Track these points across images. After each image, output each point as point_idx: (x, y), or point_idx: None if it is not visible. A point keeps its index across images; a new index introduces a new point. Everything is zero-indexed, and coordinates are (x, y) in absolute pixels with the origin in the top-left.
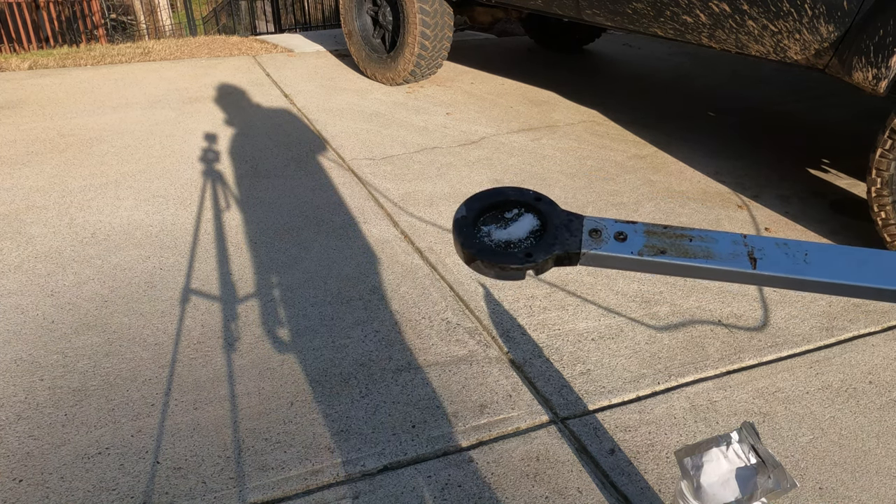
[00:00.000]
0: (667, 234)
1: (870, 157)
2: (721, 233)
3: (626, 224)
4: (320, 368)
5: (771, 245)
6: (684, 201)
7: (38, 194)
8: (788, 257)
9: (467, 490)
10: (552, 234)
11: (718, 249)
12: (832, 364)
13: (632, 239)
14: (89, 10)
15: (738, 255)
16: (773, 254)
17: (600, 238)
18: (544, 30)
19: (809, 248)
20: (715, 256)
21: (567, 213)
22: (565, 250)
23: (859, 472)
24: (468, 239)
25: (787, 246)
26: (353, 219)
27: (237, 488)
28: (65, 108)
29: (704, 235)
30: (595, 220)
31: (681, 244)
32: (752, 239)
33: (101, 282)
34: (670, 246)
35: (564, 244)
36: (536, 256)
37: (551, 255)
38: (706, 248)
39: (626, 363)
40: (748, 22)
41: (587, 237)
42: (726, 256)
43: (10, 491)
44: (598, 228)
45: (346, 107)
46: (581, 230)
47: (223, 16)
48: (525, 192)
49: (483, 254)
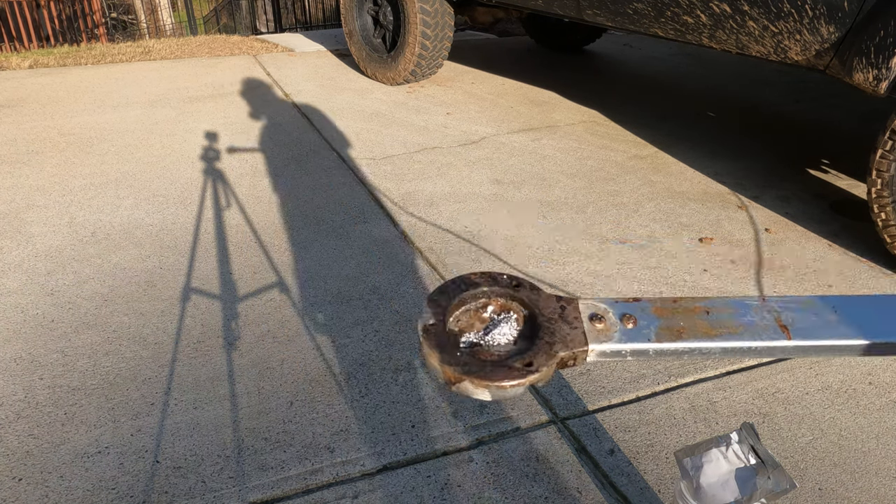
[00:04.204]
0: (679, 310)
1: (870, 157)
2: (738, 300)
3: (630, 303)
4: (320, 368)
5: (796, 305)
6: (685, 202)
7: (39, 193)
8: (819, 318)
9: (467, 490)
10: (548, 330)
11: (743, 321)
12: (832, 365)
13: (642, 322)
14: (90, 9)
15: (768, 327)
16: (803, 317)
17: (606, 326)
18: (545, 30)
19: (835, 302)
20: (742, 331)
21: (556, 299)
22: (570, 349)
23: (859, 472)
24: (448, 354)
25: (813, 304)
26: (353, 219)
27: (237, 487)
28: (65, 107)
29: (722, 306)
30: (593, 304)
31: (698, 321)
32: (774, 301)
33: (101, 281)
34: (688, 326)
35: (566, 341)
36: (538, 364)
37: (555, 358)
38: (729, 322)
39: (626, 363)
40: (749, 23)
41: (589, 326)
42: (755, 330)
43: (9, 490)
44: (598, 313)
45: (347, 106)
46: (580, 319)
47: (224, 15)
48: (498, 278)
49: (473, 371)
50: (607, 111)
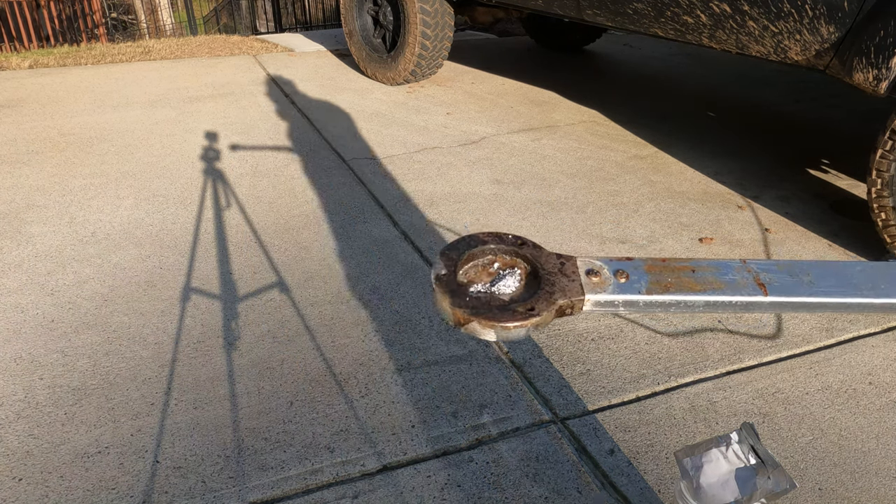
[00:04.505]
0: (668, 268)
1: (870, 157)
2: (721, 261)
3: (623, 261)
4: (320, 368)
5: (772, 268)
6: (685, 202)
7: (39, 193)
8: (794, 279)
9: (467, 490)
10: (549, 282)
11: (725, 279)
12: (832, 365)
13: (634, 277)
14: (90, 9)
15: (747, 284)
16: (780, 278)
17: (601, 279)
18: (545, 30)
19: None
20: (724, 287)
21: (557, 256)
22: (568, 298)
23: (859, 473)
24: (458, 297)
25: (790, 267)
26: (353, 219)
27: (237, 487)
28: (65, 107)
29: (706, 265)
30: (589, 261)
31: (684, 278)
32: (753, 263)
33: (101, 281)
34: (675, 282)
35: (565, 291)
36: (539, 309)
37: (554, 305)
38: (712, 279)
39: (626, 363)
40: (749, 22)
41: (586, 280)
42: (735, 286)
43: (9, 490)
44: (594, 269)
45: (347, 106)
46: (577, 273)
47: (224, 15)
48: (504, 237)
49: (480, 312)
50: (607, 111)
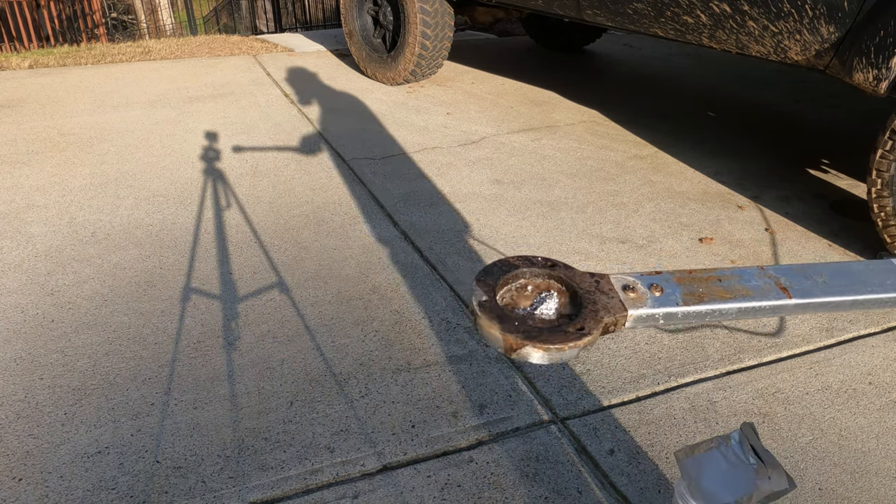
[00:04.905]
0: (696, 279)
1: (870, 157)
2: (742, 269)
3: (653, 276)
4: (320, 368)
5: (789, 272)
6: (685, 202)
7: (39, 193)
8: (810, 281)
9: (467, 490)
10: (590, 300)
11: (751, 286)
12: (832, 365)
13: (668, 290)
14: (90, 9)
15: (771, 289)
16: (798, 281)
17: (638, 294)
18: (545, 30)
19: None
20: (752, 294)
21: (590, 275)
22: (612, 315)
23: (859, 473)
24: (507, 323)
25: (803, 270)
26: (353, 219)
27: (237, 488)
28: (65, 107)
29: (730, 274)
30: (622, 277)
31: (714, 287)
32: (770, 269)
33: (100, 281)
34: (707, 291)
35: (608, 308)
36: (589, 328)
37: (601, 322)
38: (739, 287)
39: (626, 363)
40: (749, 22)
41: (624, 296)
42: (762, 292)
43: (9, 490)
44: (629, 285)
45: (347, 106)
46: (614, 290)
47: (224, 15)
48: (533, 260)
49: (533, 336)
50: (607, 111)
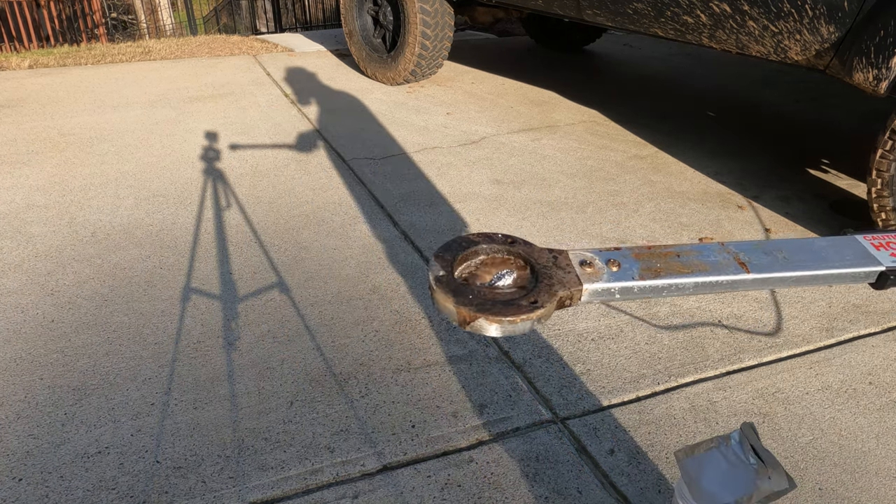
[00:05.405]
0: (654, 255)
1: (870, 157)
2: (701, 245)
3: (612, 251)
4: (320, 368)
5: (748, 248)
6: (685, 202)
7: (39, 193)
8: (770, 257)
9: (467, 490)
10: (546, 275)
11: (709, 261)
12: (832, 365)
13: (625, 265)
14: (90, 9)
15: (730, 264)
16: (757, 256)
17: (595, 269)
18: (545, 30)
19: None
20: (710, 269)
21: (549, 251)
22: (567, 289)
23: (859, 472)
24: (461, 296)
25: (763, 246)
26: (353, 219)
27: (237, 488)
28: (65, 107)
29: (689, 250)
30: (580, 253)
31: (672, 262)
32: (731, 245)
33: (100, 281)
34: (664, 266)
35: (564, 283)
36: (542, 301)
37: (556, 296)
38: (698, 262)
39: (626, 363)
40: (749, 22)
41: (581, 271)
42: (720, 267)
43: (9, 490)
44: (587, 260)
45: (347, 106)
46: (571, 265)
47: (224, 15)
48: (493, 237)
49: (485, 308)
50: (607, 111)
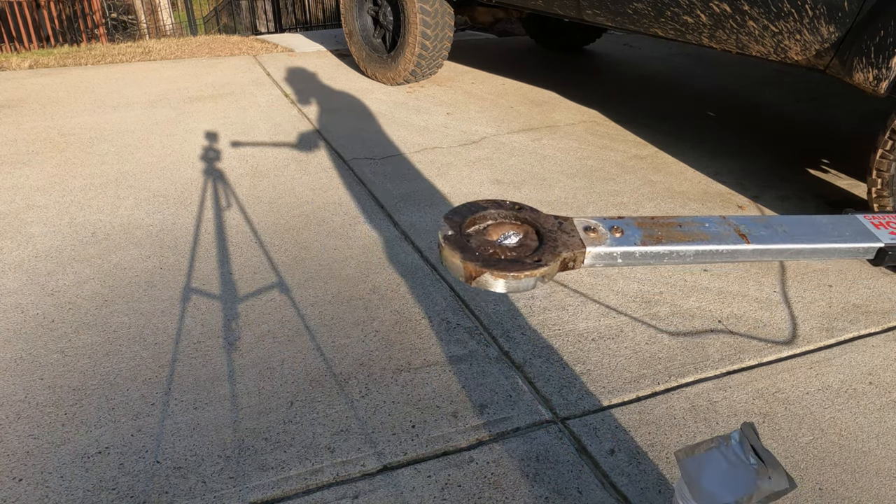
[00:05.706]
0: (657, 224)
1: (870, 157)
2: (703, 217)
3: (616, 220)
4: (320, 368)
5: (750, 222)
6: (685, 202)
7: (39, 193)
8: (770, 230)
9: (467, 490)
10: (551, 238)
11: (710, 231)
12: (832, 365)
13: (628, 232)
14: (90, 10)
15: (730, 235)
16: (758, 229)
17: (598, 235)
18: (545, 30)
19: (782, 220)
20: (710, 238)
21: (554, 217)
22: (571, 251)
23: (859, 472)
24: (468, 253)
25: (765, 221)
26: (353, 219)
27: (237, 488)
28: (65, 107)
29: (691, 221)
30: (585, 219)
31: (673, 231)
32: (732, 218)
33: (101, 281)
34: (666, 234)
35: (567, 245)
36: (546, 260)
37: (559, 257)
38: (698, 231)
39: (626, 363)
40: (749, 22)
41: (584, 235)
42: (720, 237)
43: (9, 490)
44: (591, 226)
45: (347, 106)
46: (576, 230)
47: (224, 15)
48: (501, 203)
49: (491, 264)
50: (607, 111)
